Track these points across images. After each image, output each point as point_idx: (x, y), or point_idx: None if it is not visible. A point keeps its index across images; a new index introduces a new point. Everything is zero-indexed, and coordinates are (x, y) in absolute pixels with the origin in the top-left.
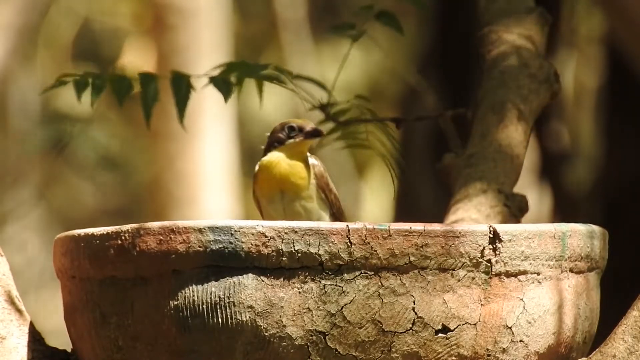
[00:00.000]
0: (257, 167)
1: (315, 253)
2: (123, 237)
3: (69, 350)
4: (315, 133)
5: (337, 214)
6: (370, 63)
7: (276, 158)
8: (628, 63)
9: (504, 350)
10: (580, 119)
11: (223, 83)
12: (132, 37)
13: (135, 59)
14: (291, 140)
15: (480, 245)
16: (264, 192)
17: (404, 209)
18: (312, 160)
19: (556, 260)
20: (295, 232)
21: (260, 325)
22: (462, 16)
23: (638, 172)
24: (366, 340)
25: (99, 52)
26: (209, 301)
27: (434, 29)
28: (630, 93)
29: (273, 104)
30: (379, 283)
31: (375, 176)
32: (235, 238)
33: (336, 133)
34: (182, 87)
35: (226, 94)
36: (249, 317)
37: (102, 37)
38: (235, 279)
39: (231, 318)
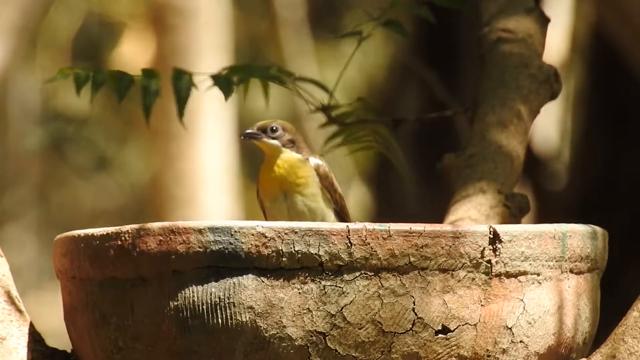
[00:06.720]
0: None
1: (315, 254)
2: (123, 238)
3: (69, 350)
4: (255, 134)
5: (341, 214)
6: (368, 62)
7: (273, 158)
8: (615, 62)
9: (504, 351)
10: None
11: (224, 81)
12: (131, 35)
13: (135, 57)
14: (266, 141)
15: (480, 246)
16: (267, 191)
17: (390, 208)
18: (316, 160)
19: (556, 261)
20: (295, 232)
21: (260, 326)
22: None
23: (610, 171)
24: (366, 340)
25: (99, 52)
26: (209, 302)
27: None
28: (609, 94)
29: (272, 104)
30: (379, 284)
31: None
32: (235, 239)
33: (340, 136)
34: (183, 84)
35: (227, 93)
36: (249, 317)
37: (101, 37)
38: (235, 279)
39: (231, 319)
